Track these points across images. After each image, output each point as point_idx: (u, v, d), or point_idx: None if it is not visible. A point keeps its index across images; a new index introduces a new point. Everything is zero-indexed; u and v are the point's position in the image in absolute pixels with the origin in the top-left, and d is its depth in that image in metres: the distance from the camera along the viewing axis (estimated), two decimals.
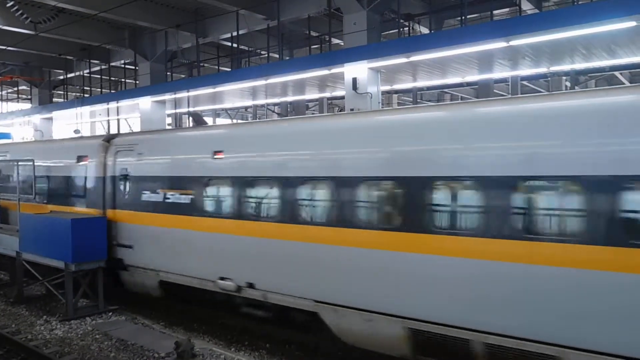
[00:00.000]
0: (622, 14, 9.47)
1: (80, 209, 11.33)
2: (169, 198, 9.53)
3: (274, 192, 7.90)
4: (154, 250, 9.82)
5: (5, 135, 29.04)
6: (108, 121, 28.61)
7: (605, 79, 22.43)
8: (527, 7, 16.67)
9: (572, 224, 5.54)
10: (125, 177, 10.47)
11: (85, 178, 11.32)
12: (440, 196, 6.40)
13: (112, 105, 24.37)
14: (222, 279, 8.55)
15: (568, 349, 5.46)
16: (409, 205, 6.57)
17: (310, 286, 7.42)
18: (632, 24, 9.70)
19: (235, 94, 20.57)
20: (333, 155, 7.45)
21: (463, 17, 15.26)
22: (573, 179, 5.50)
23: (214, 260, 8.71)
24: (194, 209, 9.06)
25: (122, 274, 10.58)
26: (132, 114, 25.61)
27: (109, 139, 11.37)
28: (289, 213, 7.67)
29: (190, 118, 12.45)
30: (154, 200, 9.82)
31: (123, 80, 26.75)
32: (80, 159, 11.53)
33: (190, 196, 9.13)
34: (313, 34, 19.10)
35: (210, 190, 8.93)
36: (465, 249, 6.08)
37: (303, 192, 7.60)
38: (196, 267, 9.01)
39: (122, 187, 10.54)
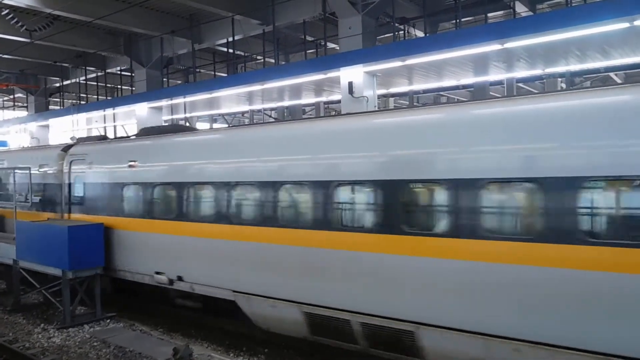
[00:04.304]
0: (615, 15, 9.53)
1: None
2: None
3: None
4: None
5: (2, 144, 28.99)
6: (104, 128, 28.59)
7: (601, 80, 22.52)
8: (521, 10, 16.76)
9: None
10: None
11: None
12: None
13: (109, 112, 24.36)
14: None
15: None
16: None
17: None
18: (625, 25, 9.76)
19: (231, 99, 20.58)
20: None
21: (458, 20, 15.34)
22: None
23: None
24: None
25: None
26: (128, 120, 25.60)
27: None
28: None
29: None
30: None
31: (119, 86, 26.75)
32: None
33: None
34: (308, 38, 19.15)
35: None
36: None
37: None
38: None
39: None
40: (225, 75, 22.91)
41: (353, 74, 13.78)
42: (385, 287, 6.52)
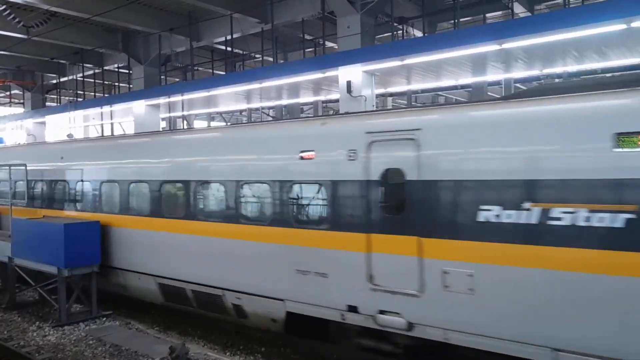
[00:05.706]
0: (612, 17, 9.57)
1: None
2: None
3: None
4: None
5: None
6: (102, 125, 28.52)
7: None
8: (519, 10, 16.79)
9: None
10: None
11: None
12: None
13: (106, 109, 24.28)
14: None
15: None
16: None
17: None
18: (622, 26, 9.79)
19: (229, 97, 20.55)
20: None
21: (456, 20, 15.36)
22: None
23: None
24: None
25: None
26: (126, 117, 25.54)
27: None
28: None
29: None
30: None
31: (116, 84, 26.66)
32: None
33: None
34: (307, 37, 19.13)
35: None
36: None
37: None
38: None
39: None
40: (224, 73, 22.86)
41: (351, 73, 13.78)
42: None
